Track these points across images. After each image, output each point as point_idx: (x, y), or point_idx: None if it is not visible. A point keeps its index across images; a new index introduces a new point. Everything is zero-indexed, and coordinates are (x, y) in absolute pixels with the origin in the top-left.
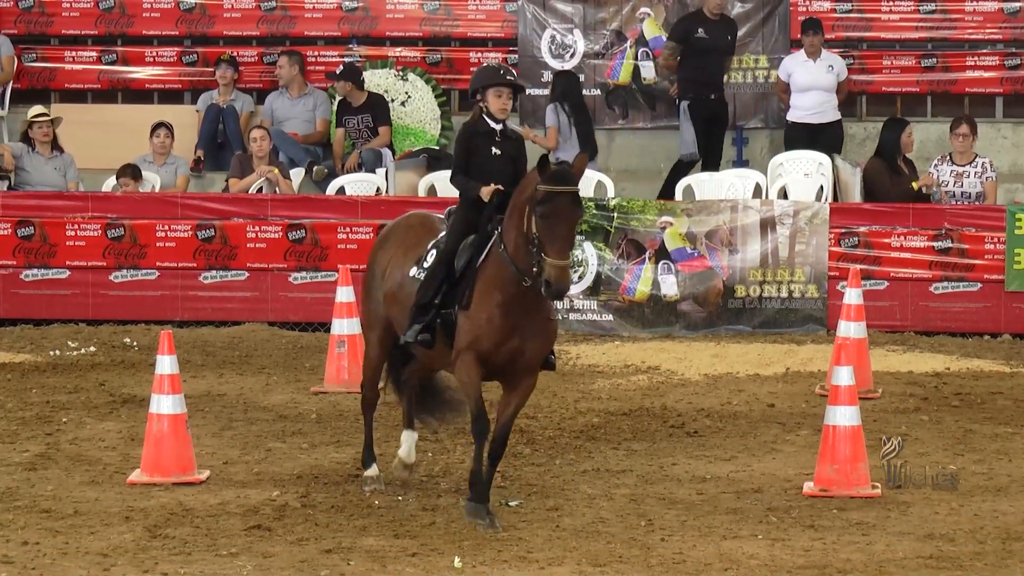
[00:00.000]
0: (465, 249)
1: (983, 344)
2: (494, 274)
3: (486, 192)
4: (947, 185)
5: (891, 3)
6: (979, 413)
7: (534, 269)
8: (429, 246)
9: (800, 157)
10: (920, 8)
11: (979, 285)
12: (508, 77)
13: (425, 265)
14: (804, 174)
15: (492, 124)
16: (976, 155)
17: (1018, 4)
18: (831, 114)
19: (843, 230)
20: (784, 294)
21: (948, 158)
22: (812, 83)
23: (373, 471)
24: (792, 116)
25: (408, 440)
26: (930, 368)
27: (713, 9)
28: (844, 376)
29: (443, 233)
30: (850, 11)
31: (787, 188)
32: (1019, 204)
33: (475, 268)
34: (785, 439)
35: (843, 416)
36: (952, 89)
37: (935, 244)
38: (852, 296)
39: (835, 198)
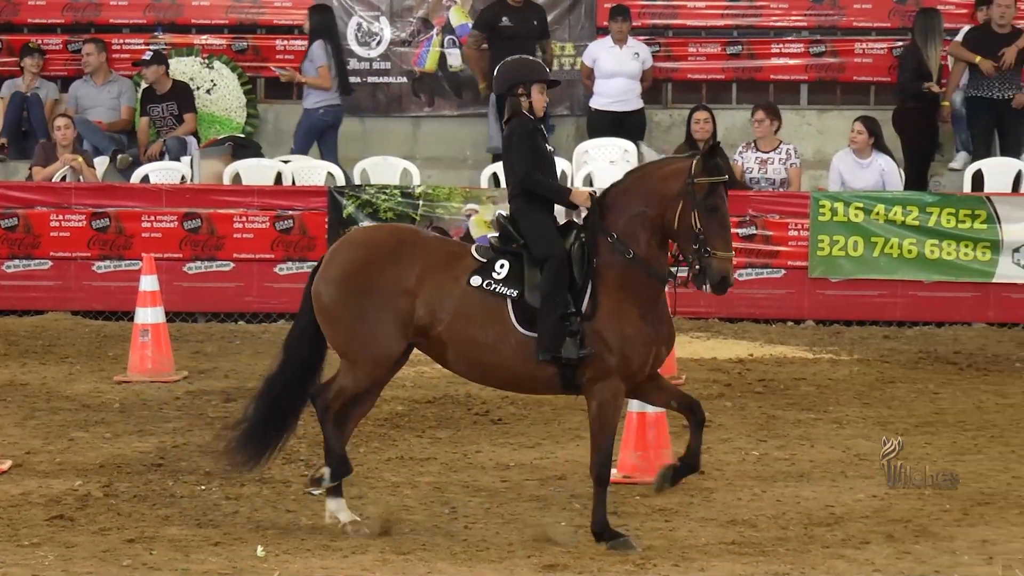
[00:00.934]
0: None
1: (787, 330)
2: (621, 280)
3: (584, 198)
4: (752, 172)
5: None
6: (782, 399)
7: (696, 267)
8: (481, 255)
9: (605, 144)
10: None
11: (783, 272)
12: (547, 74)
13: (496, 276)
14: (609, 161)
15: (532, 119)
16: (780, 142)
17: None
18: (636, 101)
19: None
20: None
21: (753, 145)
22: (617, 70)
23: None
24: (597, 103)
25: (336, 505)
26: (734, 354)
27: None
28: None
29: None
30: None
31: (592, 175)
32: (823, 191)
33: (592, 276)
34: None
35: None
36: (757, 76)
37: (739, 231)
38: None
39: None
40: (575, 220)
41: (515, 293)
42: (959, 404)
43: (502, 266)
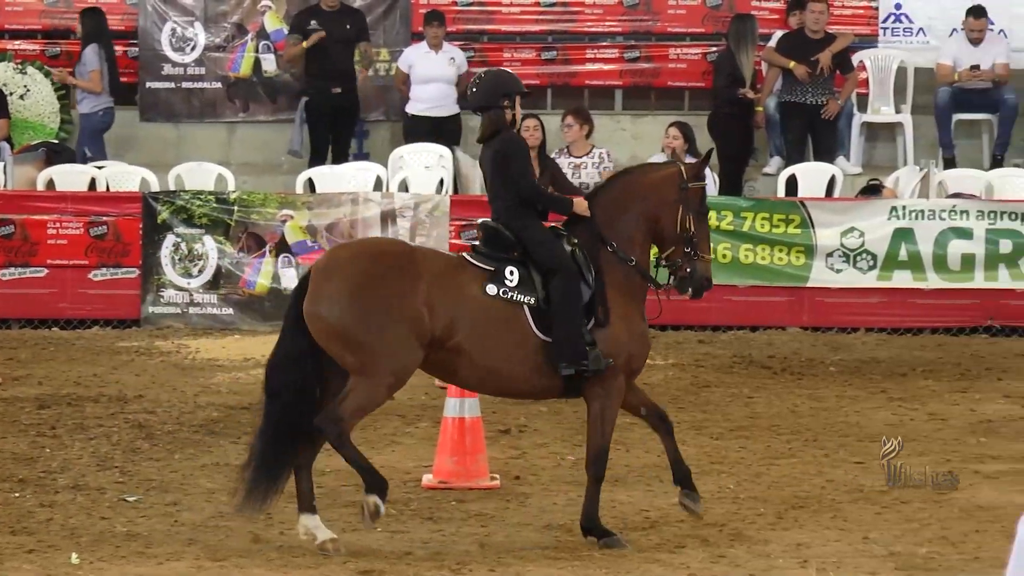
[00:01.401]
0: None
1: None
2: (625, 285)
3: (584, 207)
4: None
5: None
6: None
7: (686, 269)
8: (483, 263)
9: (421, 149)
10: (541, 1)
11: None
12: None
13: (509, 283)
14: (425, 167)
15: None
16: (593, 146)
17: None
18: (452, 107)
19: (463, 222)
20: None
21: (566, 150)
22: (433, 75)
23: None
24: (413, 109)
25: (313, 523)
26: None
27: (328, 1)
28: None
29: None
30: (471, 4)
31: (408, 181)
32: None
33: (600, 282)
34: (405, 431)
35: (462, 408)
36: (572, 82)
37: None
38: None
39: (455, 190)
40: (556, 226)
41: (532, 300)
42: (773, 408)
43: (512, 273)
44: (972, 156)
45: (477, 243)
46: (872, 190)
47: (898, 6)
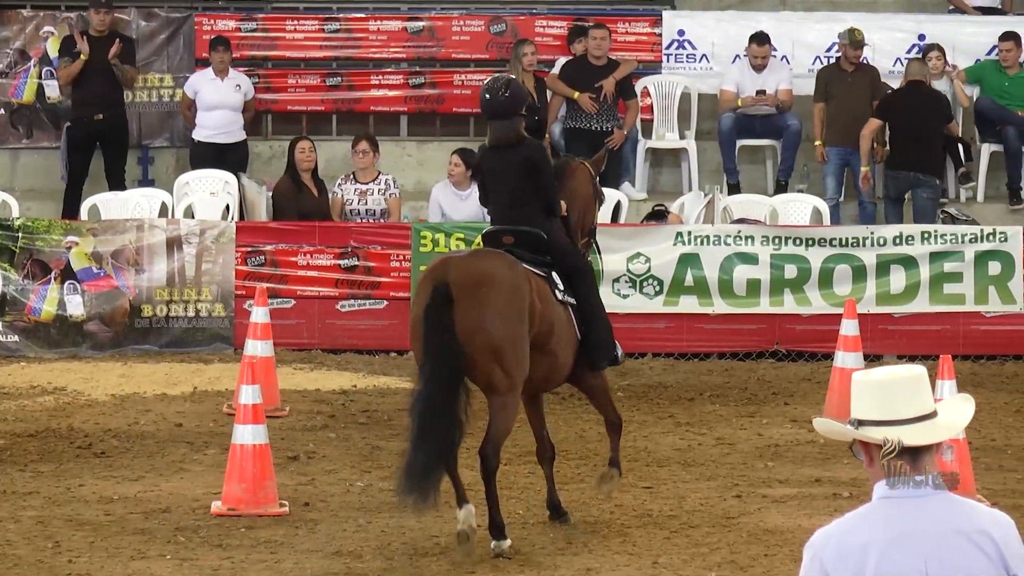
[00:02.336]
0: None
1: (390, 361)
2: None
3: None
4: (352, 203)
5: (296, 22)
6: (386, 430)
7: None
8: (535, 269)
9: (207, 176)
10: (325, 27)
11: (385, 303)
12: None
13: (560, 288)
14: (211, 193)
15: None
16: (379, 172)
17: (421, 24)
18: (238, 133)
19: (250, 249)
20: (191, 313)
21: (352, 177)
22: (219, 102)
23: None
24: (199, 135)
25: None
26: (337, 386)
27: (97, 26)
28: (250, 395)
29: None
30: (255, 30)
31: (194, 207)
32: (424, 222)
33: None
34: (193, 458)
35: (250, 435)
36: (357, 108)
37: (341, 262)
38: (259, 315)
39: (241, 217)
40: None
41: (573, 301)
42: (562, 433)
43: (556, 277)
44: (756, 181)
45: (512, 249)
46: (657, 216)
47: (681, 32)
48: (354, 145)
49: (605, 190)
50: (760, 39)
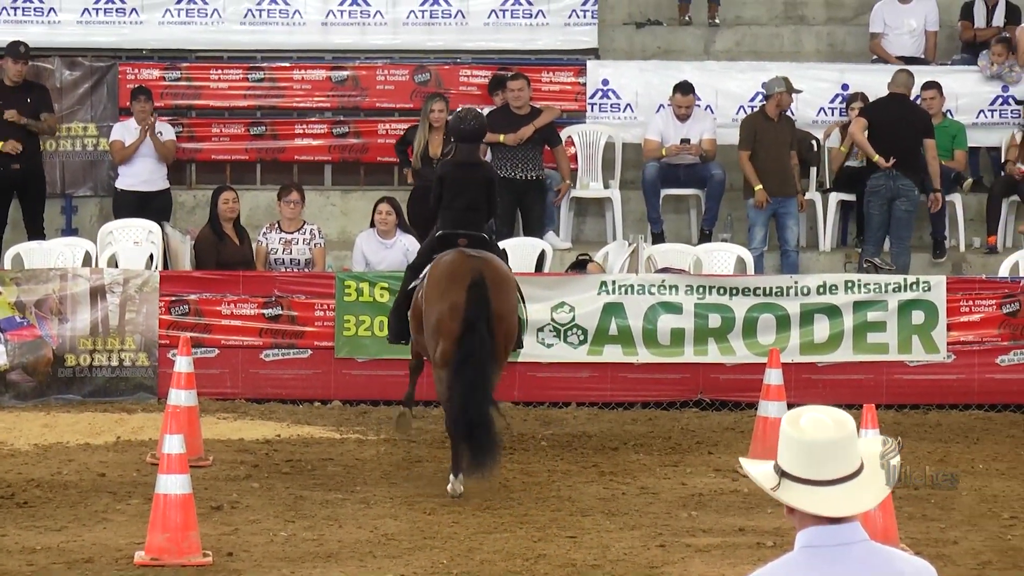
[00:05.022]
0: None
1: (313, 411)
2: None
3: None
4: (276, 253)
5: (220, 71)
6: (309, 479)
7: None
8: None
9: (130, 225)
10: (249, 77)
11: (309, 352)
12: None
13: None
14: (134, 242)
15: None
16: (304, 222)
17: (346, 73)
18: (162, 182)
19: (173, 298)
20: (115, 363)
21: (276, 226)
22: (142, 151)
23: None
24: (123, 184)
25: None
26: (261, 435)
27: (13, 76)
28: (174, 444)
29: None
30: (179, 79)
31: (117, 256)
32: (348, 271)
33: None
34: (116, 508)
35: (173, 484)
36: (281, 157)
37: (265, 311)
38: (182, 364)
39: (165, 266)
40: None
41: None
42: (485, 483)
43: None
44: (680, 231)
45: (466, 247)
46: (581, 265)
47: (605, 82)
48: (284, 195)
49: (530, 240)
50: (684, 88)
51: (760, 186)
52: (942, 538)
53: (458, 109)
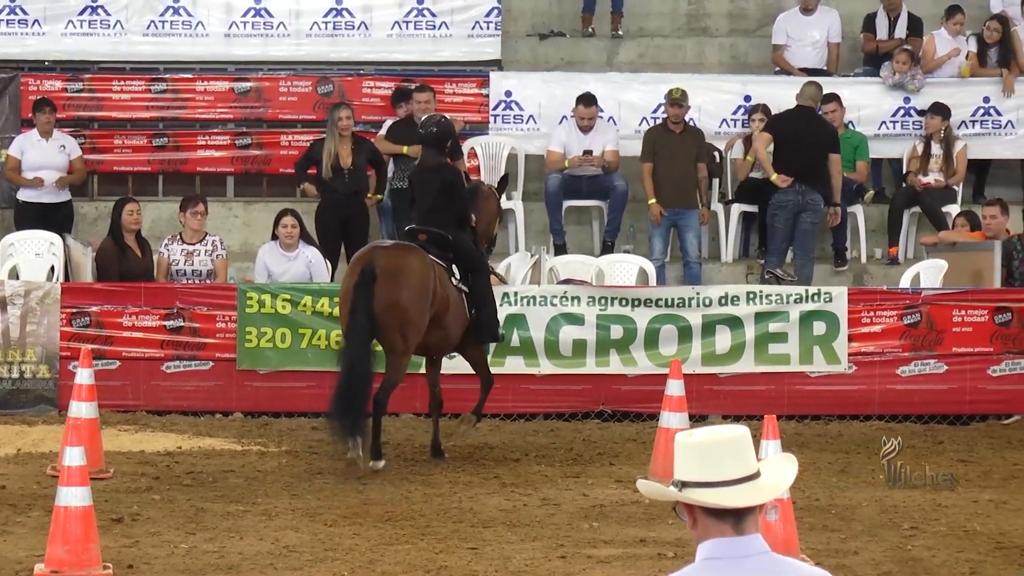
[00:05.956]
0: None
1: (215, 422)
2: None
3: (473, 220)
4: (178, 264)
5: (123, 83)
6: (211, 491)
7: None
8: (439, 260)
9: (31, 237)
10: (152, 88)
11: (211, 364)
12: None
13: (457, 276)
14: (35, 254)
15: None
16: (207, 233)
17: (248, 84)
18: (64, 194)
19: (75, 310)
20: (15, 375)
21: (178, 237)
22: (44, 163)
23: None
24: (23, 195)
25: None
26: (162, 447)
27: None
28: (75, 457)
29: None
30: (81, 90)
31: (18, 268)
32: (250, 282)
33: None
34: (16, 520)
35: (74, 497)
36: (184, 168)
37: (167, 323)
38: (84, 376)
39: (67, 278)
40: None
41: (467, 289)
42: (387, 494)
43: (455, 269)
44: (583, 242)
45: (423, 244)
46: None
47: (508, 93)
48: (191, 206)
49: None
50: (587, 100)
51: (653, 200)
52: (843, 548)
53: (425, 116)
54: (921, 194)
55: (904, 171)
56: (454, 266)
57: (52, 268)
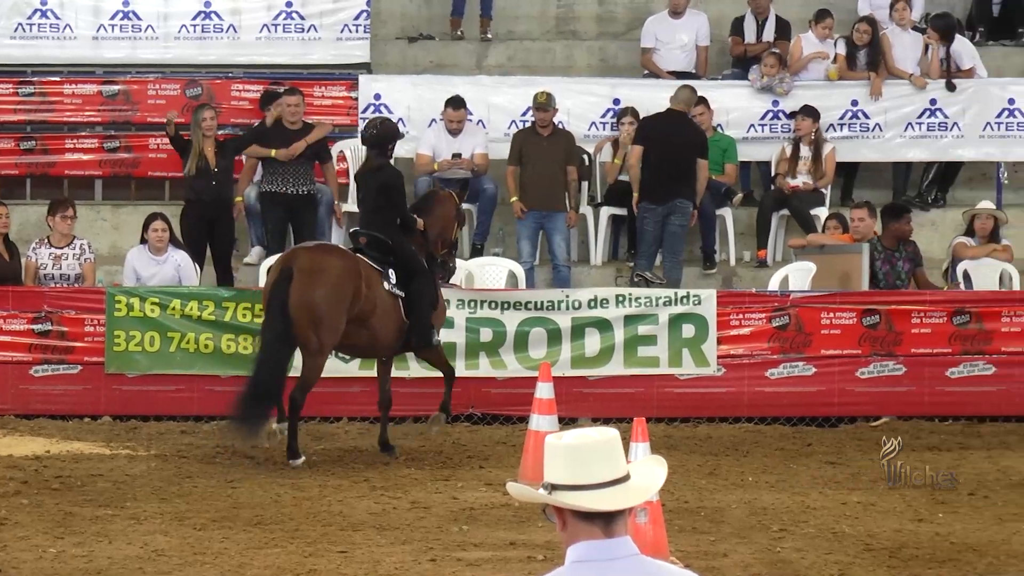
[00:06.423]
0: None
1: (83, 426)
2: (437, 280)
3: (421, 224)
4: (46, 268)
5: None
6: (79, 495)
7: (449, 264)
8: (377, 266)
9: None
10: (19, 91)
11: (79, 367)
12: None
13: (392, 281)
14: None
15: None
16: (75, 237)
17: (117, 88)
18: None
19: None
20: None
21: (46, 241)
22: None
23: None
24: None
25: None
26: (30, 451)
27: None
28: None
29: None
30: None
31: None
32: (119, 286)
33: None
34: None
35: None
36: (51, 172)
37: (35, 327)
38: None
39: None
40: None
41: (403, 294)
42: (256, 498)
43: (391, 274)
44: None
45: (363, 248)
46: None
47: (377, 96)
48: (61, 210)
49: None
50: (456, 103)
51: (515, 197)
52: (712, 551)
53: (369, 118)
54: (789, 197)
55: (773, 174)
56: (391, 269)
57: None
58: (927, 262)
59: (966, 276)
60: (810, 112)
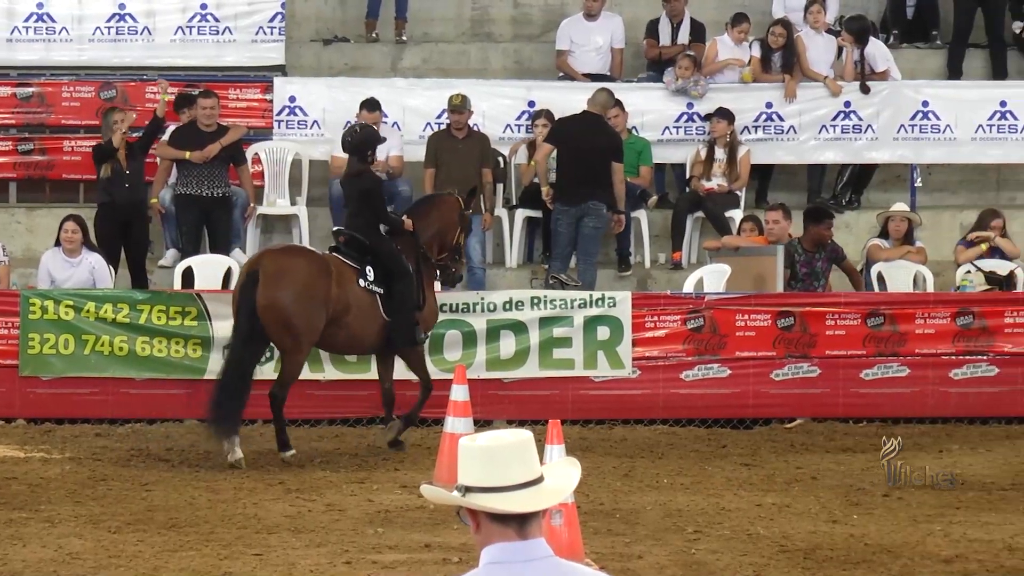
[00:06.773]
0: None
1: (0, 429)
2: (429, 276)
3: (409, 225)
4: None
5: None
6: None
7: (451, 269)
8: (354, 264)
9: None
10: None
11: None
12: None
13: (369, 279)
14: None
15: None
16: None
17: (31, 90)
18: None
19: None
20: None
21: None
22: None
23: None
24: None
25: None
26: None
27: None
28: None
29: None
30: None
31: None
32: (33, 288)
33: (419, 275)
34: None
35: None
36: None
37: None
38: None
39: None
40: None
41: (381, 291)
42: (171, 500)
43: (369, 272)
44: None
45: (341, 247)
46: None
47: (292, 98)
48: None
49: (216, 256)
50: (371, 105)
51: None
52: (627, 552)
53: (350, 124)
54: (704, 199)
55: (687, 176)
56: (368, 268)
57: None
58: None
59: (880, 278)
60: (725, 114)
